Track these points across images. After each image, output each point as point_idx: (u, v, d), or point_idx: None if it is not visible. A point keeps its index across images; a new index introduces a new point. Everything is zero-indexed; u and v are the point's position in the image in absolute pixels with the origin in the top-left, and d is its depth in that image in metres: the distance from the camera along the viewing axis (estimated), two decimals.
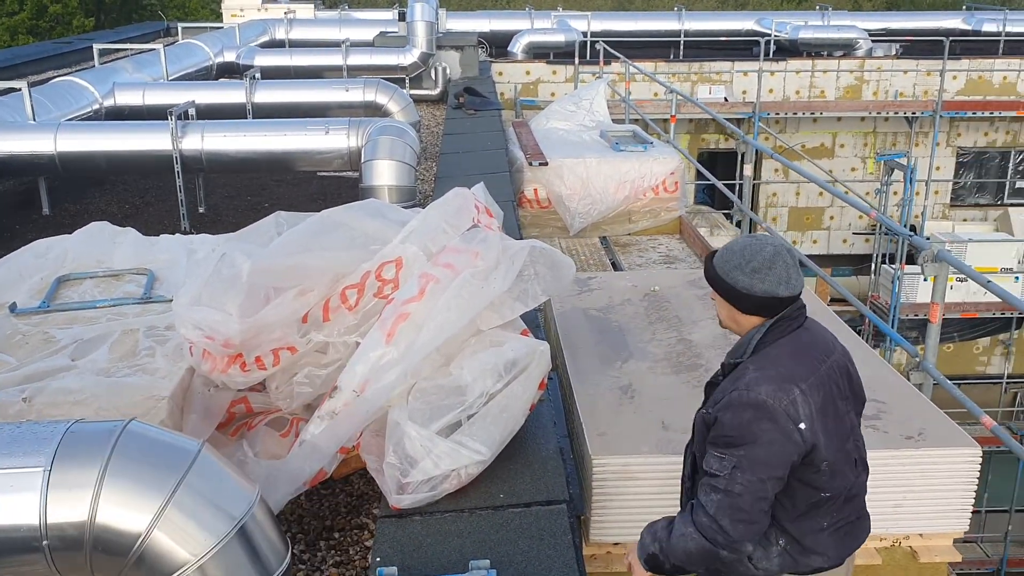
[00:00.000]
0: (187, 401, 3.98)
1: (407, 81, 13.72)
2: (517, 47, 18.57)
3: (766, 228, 8.48)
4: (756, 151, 17.22)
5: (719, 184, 9.39)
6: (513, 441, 3.52)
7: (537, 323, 4.88)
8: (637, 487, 3.56)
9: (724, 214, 16.07)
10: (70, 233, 7.78)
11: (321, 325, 3.73)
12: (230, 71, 14.15)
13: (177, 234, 5.90)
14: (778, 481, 2.48)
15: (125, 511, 2.53)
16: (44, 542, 2.47)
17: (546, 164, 8.61)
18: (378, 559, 2.86)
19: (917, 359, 4.81)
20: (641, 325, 4.89)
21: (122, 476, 2.55)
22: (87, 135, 7.75)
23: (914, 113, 17.18)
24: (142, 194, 9.07)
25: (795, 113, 16.94)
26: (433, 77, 14.21)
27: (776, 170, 17.73)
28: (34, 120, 8.02)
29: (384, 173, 7.38)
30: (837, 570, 2.72)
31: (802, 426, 2.46)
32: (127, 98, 10.17)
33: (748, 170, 7.83)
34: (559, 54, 18.72)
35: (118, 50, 14.85)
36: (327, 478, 3.51)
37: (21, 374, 3.99)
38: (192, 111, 8.09)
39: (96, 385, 3.80)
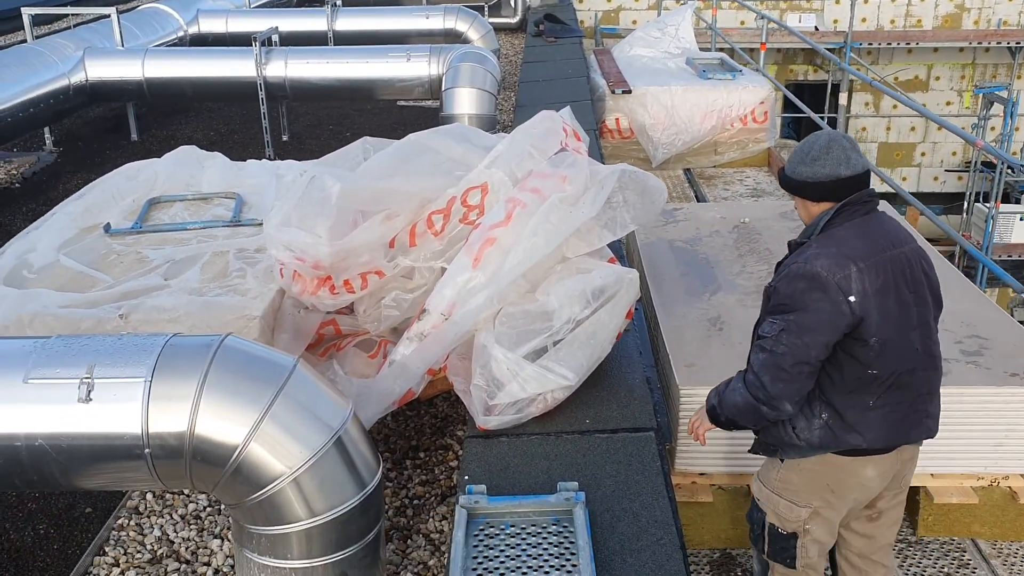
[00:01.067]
0: (278, 322, 4.04)
1: (486, 9, 13.50)
2: None
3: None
4: (846, 83, 16.63)
5: (814, 116, 9.07)
6: (599, 369, 3.49)
7: (621, 254, 4.80)
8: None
9: None
10: (159, 158, 7.96)
11: (408, 250, 3.73)
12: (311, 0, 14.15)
13: (263, 159, 5.94)
14: (823, 348, 2.57)
15: (223, 423, 2.58)
16: (146, 450, 2.54)
17: (629, 92, 8.41)
18: (466, 477, 2.87)
19: (1023, 295, 4.60)
20: (730, 257, 4.77)
21: (220, 389, 2.60)
22: (173, 61, 7.84)
23: (1018, 43, 16.27)
24: (227, 122, 9.17)
25: (889, 43, 16.20)
26: (512, 4, 13.96)
27: (867, 104, 17.06)
28: (123, 46, 8.14)
29: (465, 101, 7.29)
30: (883, 462, 2.72)
31: (852, 299, 2.54)
32: (211, 25, 10.24)
33: (843, 99, 7.50)
34: None
35: None
36: (414, 399, 3.53)
37: (117, 291, 4.09)
38: (276, 38, 8.10)
39: (189, 304, 3.87)
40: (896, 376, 2.64)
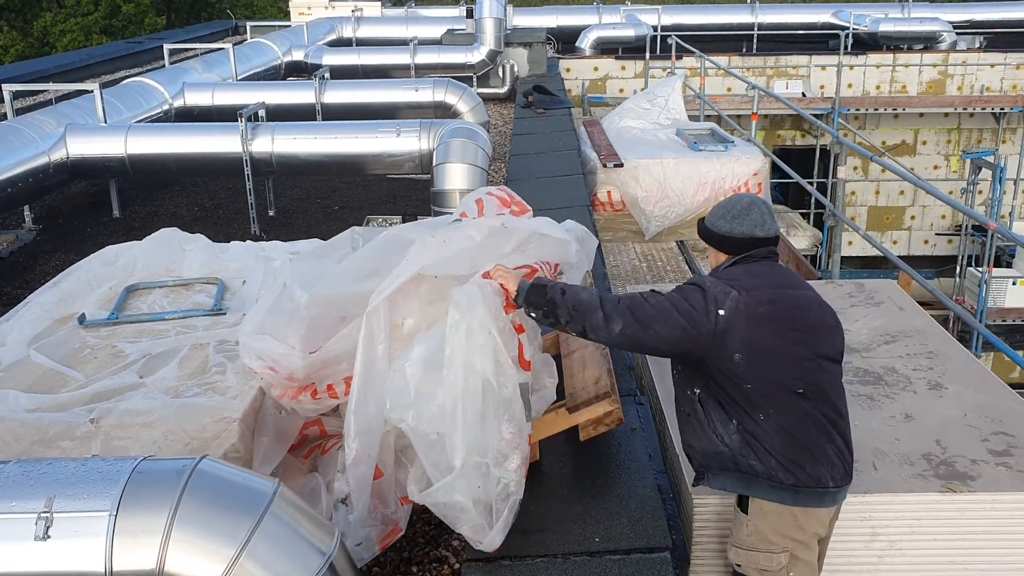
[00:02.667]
0: (259, 422, 3.80)
1: (475, 79, 13.51)
2: (585, 43, 18.24)
3: (854, 230, 7.97)
4: (834, 147, 16.66)
5: (808, 186, 8.99)
6: (606, 477, 3.26)
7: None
8: None
9: (800, 214, 15.65)
10: (139, 236, 7.73)
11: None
12: (298, 70, 14.12)
13: (247, 240, 5.75)
14: (673, 333, 2.78)
15: (196, 560, 2.33)
16: None
17: (621, 166, 8.29)
18: None
19: None
20: None
21: (193, 522, 2.35)
22: (157, 137, 7.69)
23: (1002, 109, 16.40)
24: (212, 196, 9.00)
25: (876, 109, 16.30)
26: (501, 75, 13.98)
27: (855, 168, 17.09)
28: (105, 122, 7.99)
29: (456, 177, 7.15)
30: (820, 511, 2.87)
31: (721, 312, 2.77)
32: (197, 98, 10.14)
33: (842, 172, 7.41)
34: (628, 49, 18.33)
35: (187, 49, 14.94)
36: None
37: (90, 392, 3.85)
38: (262, 112, 7.98)
39: (165, 407, 3.63)
40: (773, 397, 2.78)
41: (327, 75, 10.48)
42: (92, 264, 5.17)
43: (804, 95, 16.68)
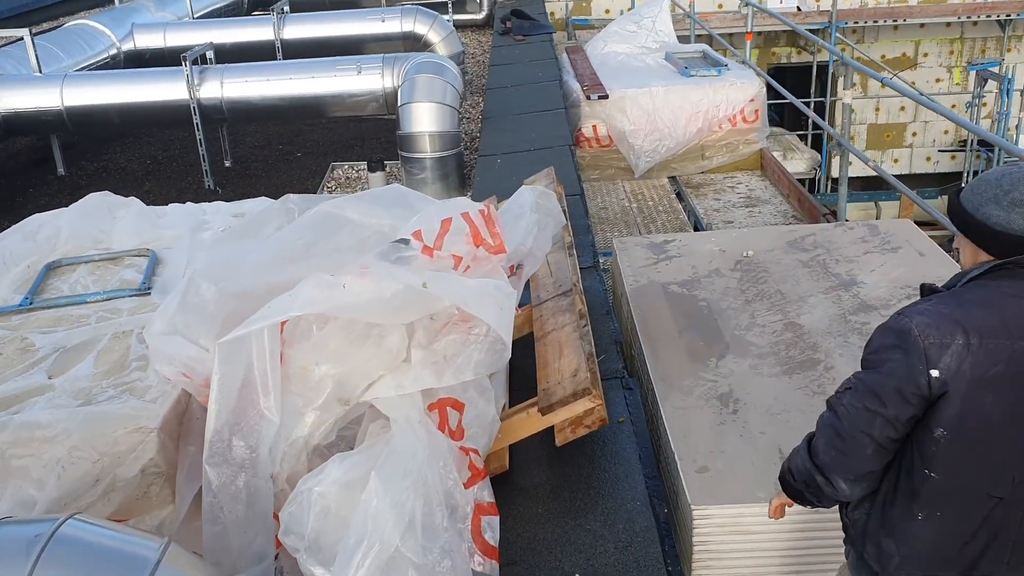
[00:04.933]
0: (184, 428, 3.25)
1: (450, 6, 12.64)
2: None
3: (856, 155, 7.33)
4: (830, 63, 15.87)
5: (806, 109, 8.32)
6: (588, 489, 2.73)
7: (606, 306, 4.04)
8: (753, 543, 2.75)
9: (798, 135, 14.95)
10: (86, 194, 7.12)
11: None
12: (264, 4, 13.23)
13: (196, 201, 5.13)
14: (891, 423, 2.02)
15: None
16: None
17: (606, 97, 7.62)
18: None
19: None
20: (736, 304, 4.01)
21: None
22: (96, 87, 6.98)
23: (1008, 15, 15.55)
24: (165, 147, 8.33)
25: (875, 21, 15.46)
26: (477, 0, 13.12)
27: (854, 84, 16.31)
28: (40, 71, 7.28)
29: (424, 118, 6.49)
30: None
31: (934, 373, 1.97)
32: (147, 40, 9.37)
33: (848, 96, 6.76)
34: None
35: None
36: None
37: None
38: (210, 54, 7.26)
39: (70, 418, 3.07)
40: (959, 496, 2.04)
41: (286, 7, 9.70)
42: (10, 239, 4.57)
43: (799, 9, 15.80)
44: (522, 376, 3.30)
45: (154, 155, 8.18)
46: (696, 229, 6.91)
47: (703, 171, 7.96)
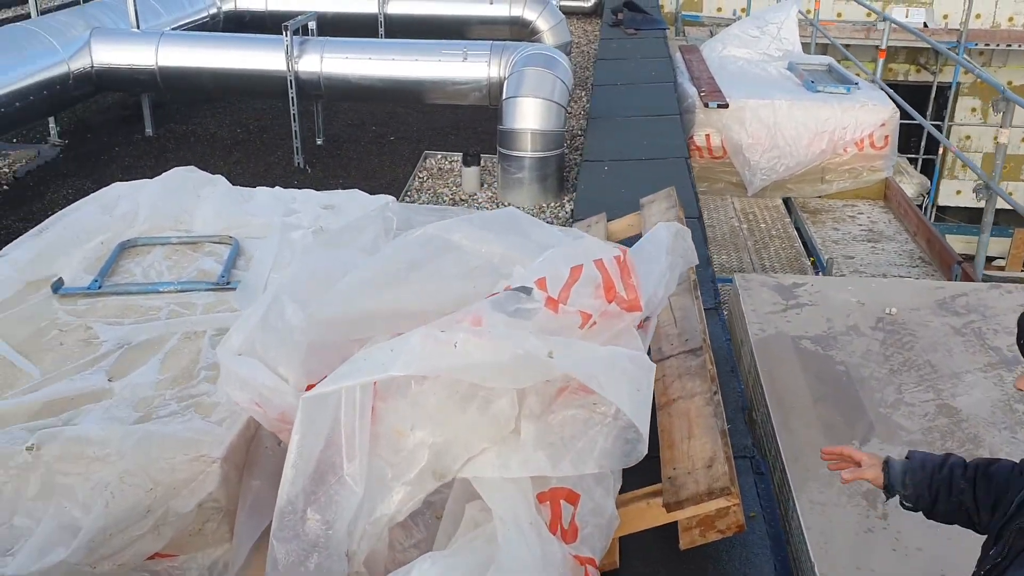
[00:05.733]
0: (251, 456, 2.89)
1: None
2: None
3: (988, 184, 6.57)
4: (953, 86, 14.96)
5: (950, 144, 7.68)
6: None
7: (731, 361, 3.55)
8: None
9: (908, 158, 14.10)
10: (172, 158, 6.89)
11: None
12: None
13: (277, 188, 4.79)
14: None
15: None
16: None
17: (726, 106, 7.07)
18: None
19: None
20: (879, 374, 3.49)
21: None
22: (192, 48, 6.71)
23: None
24: (258, 116, 8.04)
25: (1008, 44, 14.47)
26: None
27: (973, 110, 15.39)
28: (138, 27, 7.03)
29: (528, 114, 6.05)
30: None
31: None
32: (249, 2, 9.10)
33: (1003, 136, 6.08)
34: None
35: None
36: None
37: (40, 399, 3.01)
38: (313, 25, 6.92)
39: (125, 437, 2.73)
40: None
41: None
42: (86, 210, 4.26)
43: (926, 25, 14.89)
44: None
45: (245, 124, 7.90)
46: (812, 260, 6.34)
47: (821, 195, 7.36)
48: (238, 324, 2.80)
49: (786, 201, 7.35)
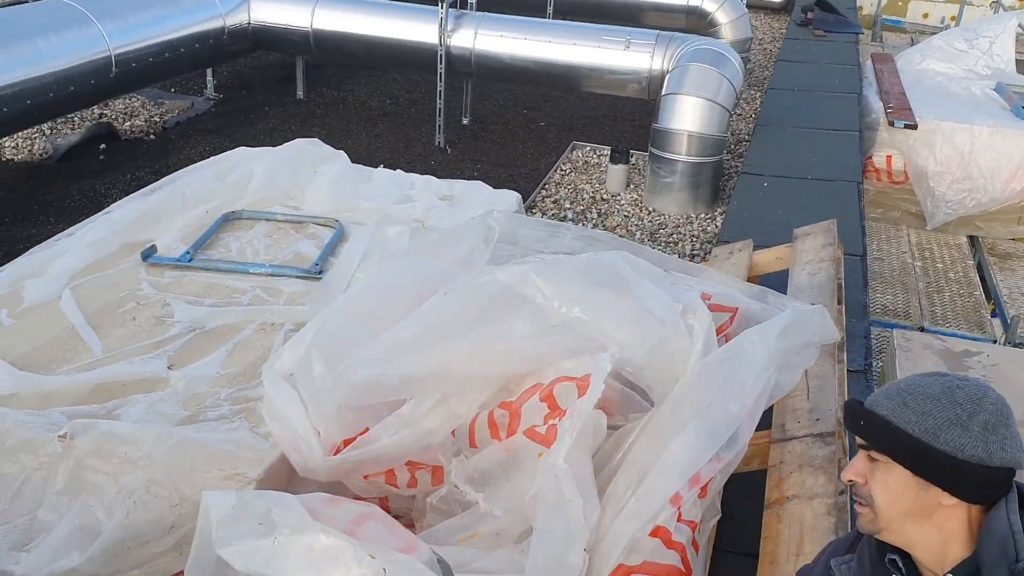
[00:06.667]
0: (292, 486, 2.57)
1: None
2: None
3: None
4: None
5: None
6: None
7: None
8: None
9: None
10: (319, 124, 6.75)
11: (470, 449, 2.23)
12: None
13: (398, 171, 4.50)
14: None
15: None
16: None
17: (914, 127, 6.26)
18: None
19: None
20: None
21: None
22: (347, 13, 6.52)
23: None
24: (410, 89, 7.82)
25: None
26: None
27: None
28: None
29: (687, 114, 5.50)
30: None
31: None
32: None
33: None
34: None
35: None
36: None
37: (92, 380, 2.82)
38: None
39: (159, 440, 2.49)
40: None
41: None
42: (199, 175, 4.12)
43: None
44: (736, 526, 2.38)
45: (396, 95, 7.70)
46: (992, 306, 5.51)
47: (1016, 238, 6.43)
48: (293, 341, 2.49)
49: (971, 240, 6.47)
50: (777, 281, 3.76)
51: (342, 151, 4.42)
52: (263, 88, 7.59)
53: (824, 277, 3.29)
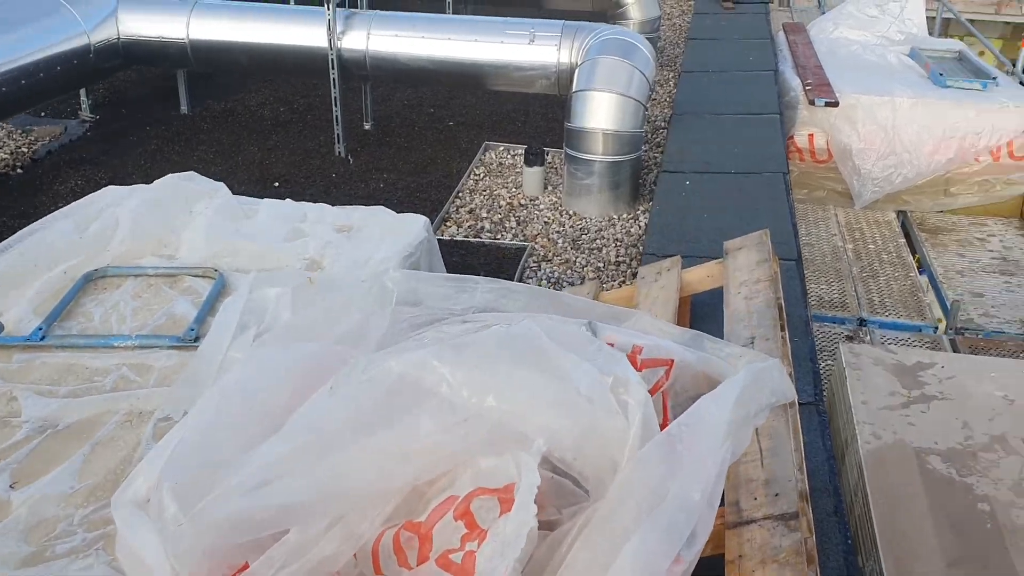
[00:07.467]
0: None
1: None
2: None
3: None
4: None
5: None
6: None
7: (835, 500, 2.66)
8: None
9: None
10: (206, 140, 6.24)
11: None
12: None
13: (287, 200, 4.05)
14: None
15: None
16: None
17: (835, 104, 6.02)
18: None
19: None
20: None
21: None
22: (226, 20, 5.97)
23: None
24: (305, 93, 7.30)
25: None
26: None
27: None
28: None
29: (600, 111, 5.15)
30: None
31: None
32: None
33: None
34: None
35: None
36: None
37: None
38: None
39: None
40: None
41: None
42: (56, 228, 3.61)
43: None
44: None
45: (291, 101, 7.18)
46: (936, 298, 5.32)
47: (943, 211, 6.28)
48: (149, 458, 2.05)
49: (901, 215, 6.29)
50: (711, 300, 3.45)
51: (222, 183, 3.95)
52: (144, 105, 6.99)
53: (762, 302, 2.97)
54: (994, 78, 6.47)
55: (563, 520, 1.98)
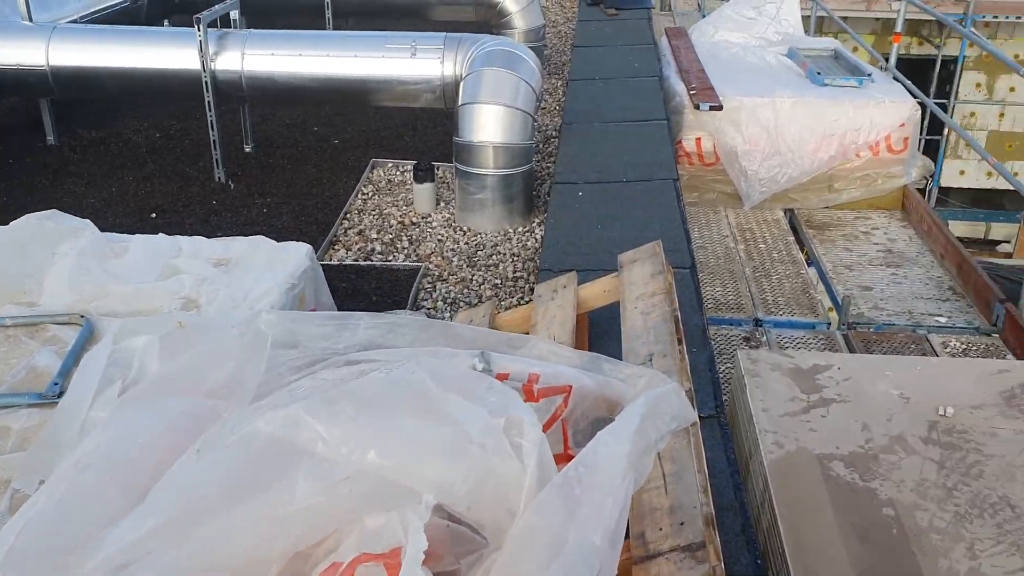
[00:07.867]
0: None
1: None
2: None
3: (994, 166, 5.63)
4: (959, 62, 14.06)
5: (942, 114, 6.73)
6: None
7: (742, 515, 2.62)
8: None
9: None
10: (75, 172, 5.96)
11: None
12: None
13: (160, 235, 3.83)
14: None
15: None
16: None
17: (719, 108, 6.09)
18: None
19: None
20: (941, 520, 2.56)
21: None
22: (89, 44, 5.65)
23: None
24: (181, 117, 6.99)
25: (1017, 16, 13.50)
26: None
27: (978, 85, 14.46)
28: (30, 20, 5.95)
29: (489, 124, 5.06)
30: None
31: None
32: None
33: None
34: None
35: None
36: None
37: None
38: (235, 14, 5.88)
39: None
40: None
41: None
42: None
43: None
44: None
45: (166, 127, 6.86)
46: (828, 293, 5.41)
47: (828, 206, 6.42)
48: (27, 506, 1.85)
49: (789, 213, 6.41)
50: (610, 314, 3.39)
51: (88, 221, 3.71)
52: (5, 136, 6.57)
53: (659, 317, 2.92)
54: (869, 74, 6.66)
55: (462, 571, 1.86)
